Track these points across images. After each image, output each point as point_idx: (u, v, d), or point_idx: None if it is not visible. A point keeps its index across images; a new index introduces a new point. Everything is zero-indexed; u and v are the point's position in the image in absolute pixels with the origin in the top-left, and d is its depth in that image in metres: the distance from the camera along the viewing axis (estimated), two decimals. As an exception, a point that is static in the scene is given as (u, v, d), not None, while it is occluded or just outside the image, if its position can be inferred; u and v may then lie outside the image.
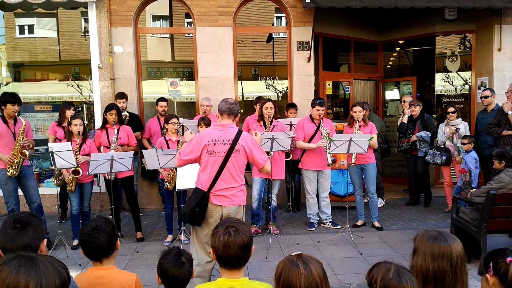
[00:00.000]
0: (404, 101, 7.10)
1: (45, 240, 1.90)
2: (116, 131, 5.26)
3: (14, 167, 4.91)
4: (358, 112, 5.49)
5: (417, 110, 6.57)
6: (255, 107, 6.17)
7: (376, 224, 5.69)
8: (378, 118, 7.26)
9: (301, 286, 1.55)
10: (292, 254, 1.69)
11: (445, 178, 6.50)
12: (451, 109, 6.37)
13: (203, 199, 3.32)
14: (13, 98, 4.88)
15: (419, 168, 6.71)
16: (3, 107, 4.90)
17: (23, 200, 5.25)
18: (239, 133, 3.38)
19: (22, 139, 4.91)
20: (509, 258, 1.74)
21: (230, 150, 3.32)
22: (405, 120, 6.74)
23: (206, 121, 5.24)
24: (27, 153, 4.91)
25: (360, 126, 5.55)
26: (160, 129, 6.28)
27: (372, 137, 5.22)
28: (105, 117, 5.37)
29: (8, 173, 4.90)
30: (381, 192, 6.96)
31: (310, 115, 5.63)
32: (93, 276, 2.14)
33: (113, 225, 2.23)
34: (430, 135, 6.45)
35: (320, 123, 5.51)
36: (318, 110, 5.44)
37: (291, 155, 5.77)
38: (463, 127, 6.33)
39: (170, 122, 5.20)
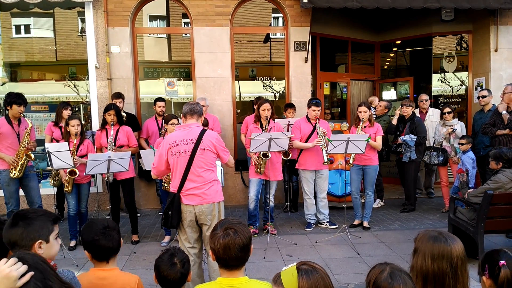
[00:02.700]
0: (421, 101, 7.10)
1: (40, 242, 1.77)
2: (112, 132, 5.19)
3: (18, 169, 4.86)
4: (363, 112, 5.49)
5: (409, 110, 6.32)
6: (255, 107, 6.15)
7: (365, 224, 5.72)
8: (387, 118, 7.23)
9: None
10: (297, 265, 1.58)
11: (442, 179, 6.51)
12: (447, 109, 6.38)
13: (174, 201, 3.35)
14: (19, 99, 4.82)
15: (406, 175, 6.43)
16: (8, 108, 4.85)
17: (23, 200, 5.23)
18: (202, 132, 3.42)
19: (27, 140, 4.87)
20: (501, 262, 1.74)
21: (194, 149, 3.35)
22: (394, 122, 6.56)
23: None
24: (33, 155, 4.86)
25: (365, 127, 5.54)
26: (158, 129, 6.26)
27: (369, 138, 5.22)
28: (104, 117, 5.30)
29: (11, 174, 4.86)
30: (380, 193, 6.96)
31: (307, 116, 5.65)
32: (95, 277, 2.09)
33: (117, 224, 2.22)
34: (414, 139, 6.13)
35: (316, 123, 5.52)
36: (314, 110, 5.48)
37: (290, 154, 5.77)
38: (460, 127, 6.35)
39: (170, 122, 5.08)
